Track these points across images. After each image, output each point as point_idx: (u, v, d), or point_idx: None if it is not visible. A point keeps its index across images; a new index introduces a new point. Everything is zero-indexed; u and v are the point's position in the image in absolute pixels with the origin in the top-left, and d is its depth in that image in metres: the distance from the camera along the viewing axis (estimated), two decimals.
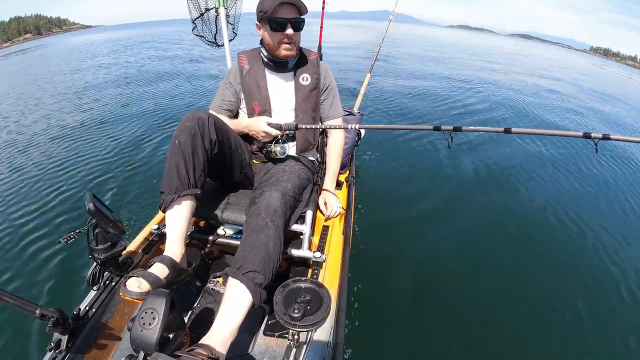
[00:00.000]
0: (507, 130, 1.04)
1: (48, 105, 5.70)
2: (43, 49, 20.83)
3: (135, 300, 0.81)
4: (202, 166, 1.05)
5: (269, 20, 1.15)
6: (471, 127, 1.10)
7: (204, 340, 0.77)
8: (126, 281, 0.83)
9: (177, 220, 1.00)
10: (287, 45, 1.21)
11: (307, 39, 1.41)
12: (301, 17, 1.18)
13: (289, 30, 1.16)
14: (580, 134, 1.01)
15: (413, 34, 30.16)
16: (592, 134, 0.99)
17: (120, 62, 10.34)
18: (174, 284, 0.94)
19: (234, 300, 0.85)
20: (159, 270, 0.90)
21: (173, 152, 1.02)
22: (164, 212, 1.03)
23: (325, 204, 1.37)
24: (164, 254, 0.95)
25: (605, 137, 0.97)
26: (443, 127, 1.09)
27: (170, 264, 0.93)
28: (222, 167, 1.22)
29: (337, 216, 1.38)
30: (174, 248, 0.97)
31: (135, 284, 0.82)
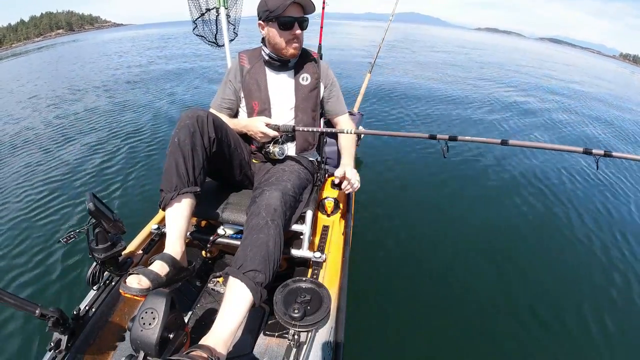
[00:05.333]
0: (504, 142, 1.02)
1: (49, 104, 5.70)
2: (66, 46, 20.92)
3: (135, 297, 0.81)
4: (201, 164, 1.05)
5: (278, 19, 1.16)
6: (467, 137, 1.06)
7: (204, 341, 0.76)
8: (126, 278, 0.84)
9: (176, 218, 1.00)
10: (296, 44, 1.22)
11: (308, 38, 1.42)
12: (306, 16, 1.20)
13: (298, 30, 1.18)
14: (581, 149, 0.96)
15: (437, 36, 28.91)
16: (593, 150, 0.94)
17: (132, 61, 10.39)
18: (174, 282, 0.94)
19: (235, 299, 0.85)
20: (159, 267, 0.90)
21: (172, 150, 1.02)
22: (163, 210, 1.02)
23: (345, 177, 1.20)
24: (164, 251, 0.95)
25: (607, 154, 0.92)
26: (439, 136, 1.07)
27: (171, 261, 0.92)
28: (222, 166, 1.22)
29: (356, 189, 1.22)
30: (174, 246, 0.97)
31: (135, 281, 0.83)
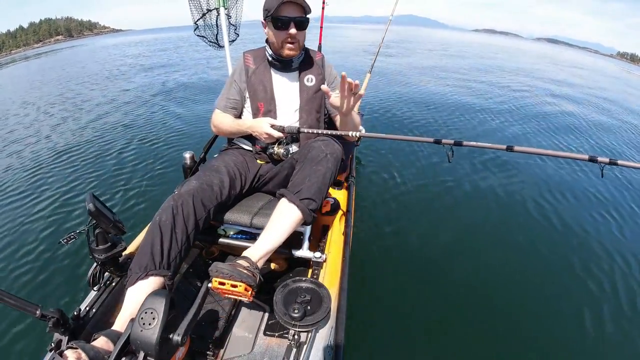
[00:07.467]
0: (509, 148, 1.02)
1: (51, 106, 5.72)
2: (65, 52, 21.11)
3: None
4: (179, 249, 0.97)
5: (273, 18, 1.16)
6: (472, 143, 1.07)
7: (246, 253, 0.93)
8: (64, 351, 0.72)
9: (138, 296, 0.87)
10: (291, 45, 1.21)
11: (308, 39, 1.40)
12: (305, 16, 1.18)
13: (292, 30, 1.17)
14: (586, 157, 0.97)
15: (435, 39, 28.52)
16: (599, 158, 0.94)
17: (132, 64, 10.46)
18: None
19: (285, 221, 0.99)
20: (103, 344, 0.77)
21: (151, 228, 0.96)
22: (125, 289, 0.92)
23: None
24: (112, 328, 0.83)
25: (612, 162, 0.93)
26: (444, 141, 1.07)
27: (117, 340, 0.77)
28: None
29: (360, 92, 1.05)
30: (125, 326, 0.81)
31: (74, 356, 0.70)
